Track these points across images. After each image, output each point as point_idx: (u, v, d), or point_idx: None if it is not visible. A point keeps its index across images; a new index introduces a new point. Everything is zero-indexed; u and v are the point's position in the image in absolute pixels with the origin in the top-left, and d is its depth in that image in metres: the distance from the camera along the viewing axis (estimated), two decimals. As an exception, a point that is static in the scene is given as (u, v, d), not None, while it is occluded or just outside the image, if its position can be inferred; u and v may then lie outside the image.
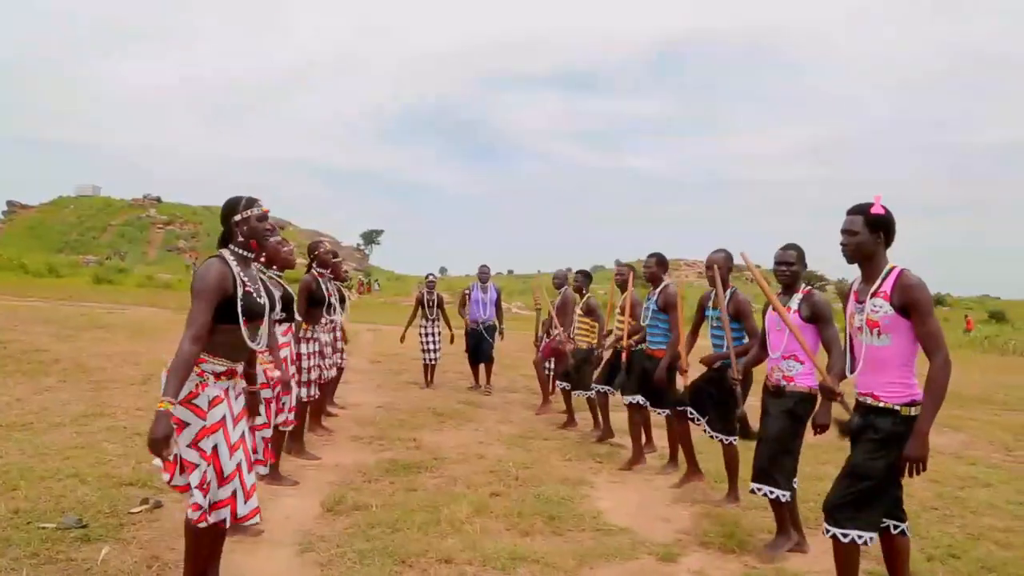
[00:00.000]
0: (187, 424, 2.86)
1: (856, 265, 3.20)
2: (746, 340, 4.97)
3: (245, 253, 3.12)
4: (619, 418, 7.55)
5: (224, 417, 2.93)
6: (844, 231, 3.13)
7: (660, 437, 6.56)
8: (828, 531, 3.15)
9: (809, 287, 4.18)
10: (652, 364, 5.80)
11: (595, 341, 7.27)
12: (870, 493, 3.07)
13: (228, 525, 2.96)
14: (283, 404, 4.69)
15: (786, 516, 4.17)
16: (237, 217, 3.11)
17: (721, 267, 4.96)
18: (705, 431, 5.12)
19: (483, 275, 9.89)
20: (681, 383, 5.38)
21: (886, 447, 3.03)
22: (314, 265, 6.17)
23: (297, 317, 5.41)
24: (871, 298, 3.07)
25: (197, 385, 2.88)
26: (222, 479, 2.90)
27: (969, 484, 6.07)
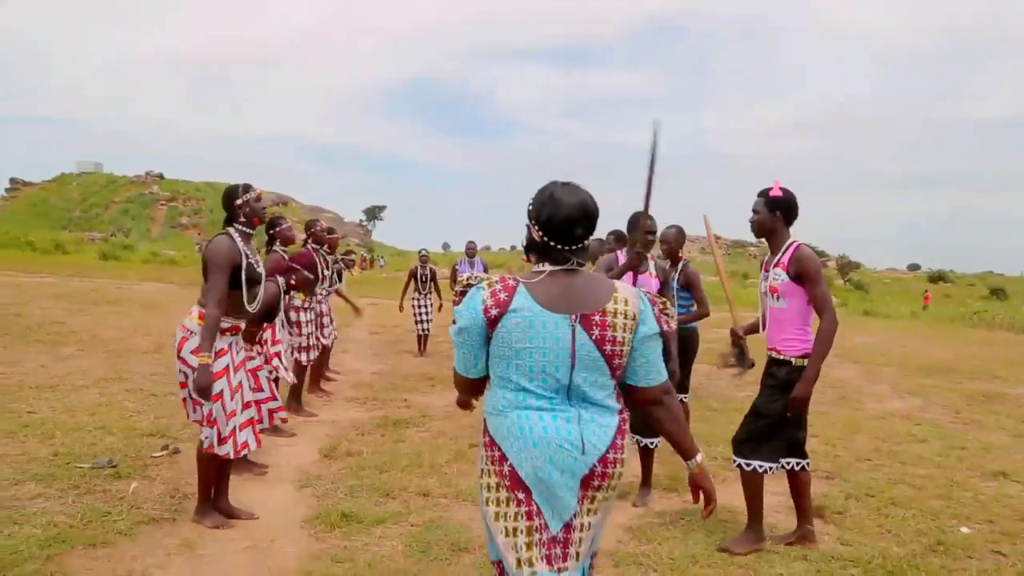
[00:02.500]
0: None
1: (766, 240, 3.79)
2: (694, 308, 5.61)
3: (247, 230, 3.78)
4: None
5: (227, 366, 3.62)
6: (752, 210, 3.72)
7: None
8: (735, 462, 3.77)
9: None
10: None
11: None
12: (768, 430, 3.69)
13: (231, 456, 3.65)
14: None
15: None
16: (239, 201, 3.75)
17: (671, 242, 5.51)
18: None
19: (470, 250, 10.53)
20: None
21: (783, 392, 3.64)
22: (310, 241, 6.75)
23: (296, 302, 6.07)
24: (773, 268, 3.67)
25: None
26: (226, 416, 3.56)
27: (906, 440, 6.69)
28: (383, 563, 3.33)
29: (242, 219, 3.75)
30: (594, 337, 2.00)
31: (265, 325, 4.52)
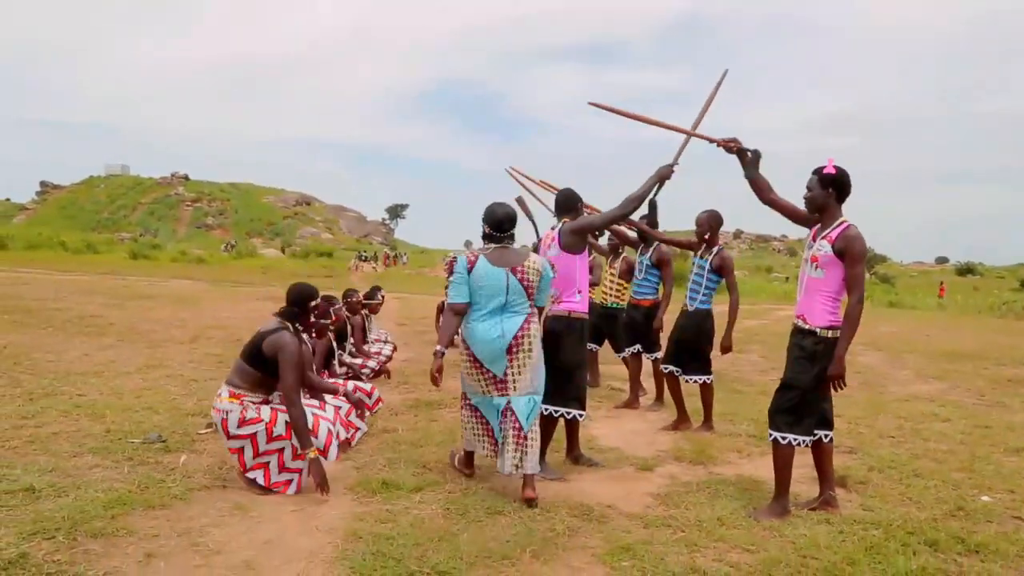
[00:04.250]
0: (256, 432, 3.90)
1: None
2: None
3: (303, 329, 4.15)
4: (610, 370, 8.36)
5: (263, 420, 3.95)
6: (806, 187, 3.87)
7: (646, 382, 7.30)
8: (771, 435, 3.90)
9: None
10: (637, 313, 6.59)
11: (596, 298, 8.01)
12: (802, 402, 3.82)
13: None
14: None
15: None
16: (314, 303, 4.19)
17: (702, 224, 5.66)
18: (686, 380, 5.84)
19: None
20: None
21: (810, 362, 3.78)
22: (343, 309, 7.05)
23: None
24: (820, 239, 3.80)
25: (241, 411, 3.89)
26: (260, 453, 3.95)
27: (929, 419, 6.78)
28: (424, 524, 3.52)
29: (310, 320, 4.20)
30: (518, 278, 4.03)
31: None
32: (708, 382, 5.81)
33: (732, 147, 3.99)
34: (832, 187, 3.81)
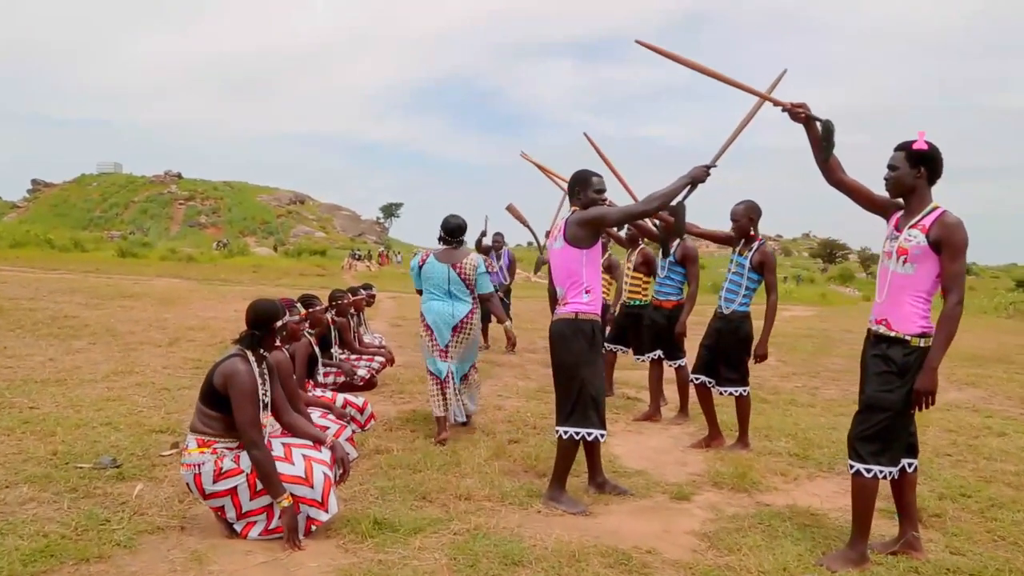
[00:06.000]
0: (237, 485, 3.19)
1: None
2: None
3: (265, 353, 3.37)
4: (623, 376, 7.68)
5: (244, 472, 3.23)
6: (888, 166, 3.19)
7: (666, 389, 6.62)
8: (852, 467, 3.21)
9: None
10: (659, 315, 5.90)
11: (611, 298, 7.33)
12: (891, 427, 3.13)
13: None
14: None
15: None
16: (279, 323, 3.38)
17: (739, 218, 4.98)
18: (721, 392, 5.15)
19: (497, 244, 10.07)
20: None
21: (900, 377, 3.10)
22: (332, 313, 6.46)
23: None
24: (909, 228, 3.12)
25: (215, 461, 3.17)
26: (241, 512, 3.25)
27: (983, 433, 6.11)
28: (426, 580, 2.83)
29: (275, 342, 3.42)
30: (457, 272, 5.05)
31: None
32: (745, 394, 5.12)
33: (800, 113, 3.29)
34: (923, 165, 3.13)
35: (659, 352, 6.04)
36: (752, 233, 4.98)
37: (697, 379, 5.16)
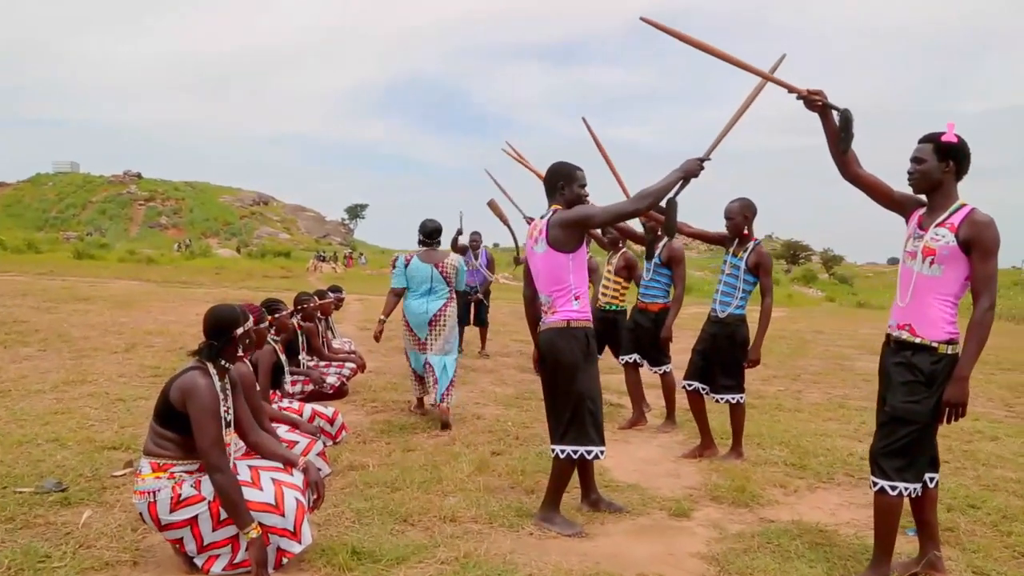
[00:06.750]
0: (198, 514, 2.83)
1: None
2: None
3: (227, 365, 3.00)
4: (603, 381, 7.42)
5: (206, 499, 2.87)
6: (912, 159, 2.95)
7: (651, 395, 6.38)
8: (876, 484, 2.96)
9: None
10: (645, 318, 5.65)
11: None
12: (918, 439, 2.90)
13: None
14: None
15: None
16: (240, 331, 2.99)
17: (734, 216, 4.74)
18: (717, 400, 4.89)
19: (475, 243, 9.71)
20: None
21: (928, 387, 2.87)
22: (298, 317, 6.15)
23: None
24: (935, 227, 2.89)
25: (172, 487, 2.82)
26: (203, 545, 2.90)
27: (975, 438, 5.96)
28: (412, 621, 2.51)
29: (238, 352, 3.03)
30: (440, 272, 5.61)
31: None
32: (741, 402, 4.88)
33: (817, 101, 3.02)
34: (952, 159, 2.90)
35: (635, 356, 5.78)
36: (747, 232, 4.74)
37: (690, 386, 4.90)
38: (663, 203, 3.51)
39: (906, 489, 2.92)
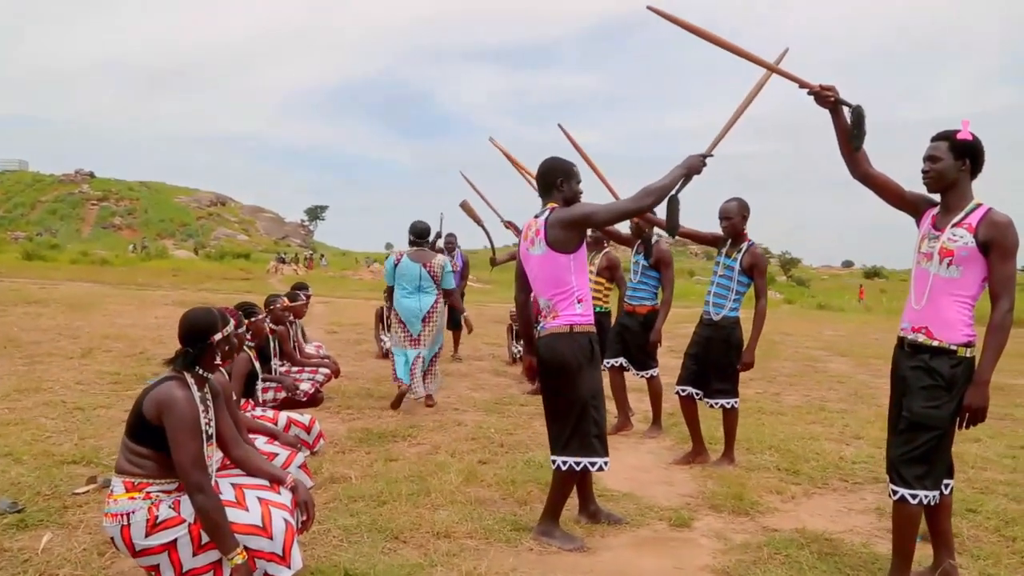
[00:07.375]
0: (177, 538, 2.57)
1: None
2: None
3: (207, 375, 2.75)
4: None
5: (186, 522, 2.61)
6: (927, 158, 2.85)
7: (634, 400, 6.25)
8: (896, 493, 2.85)
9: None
10: (633, 321, 5.51)
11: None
12: (938, 446, 2.81)
13: None
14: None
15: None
16: (218, 337, 2.73)
17: (732, 216, 4.62)
18: (711, 405, 4.77)
19: (450, 245, 9.44)
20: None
21: (948, 392, 2.77)
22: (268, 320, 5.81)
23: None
24: (952, 227, 2.79)
25: (148, 509, 2.55)
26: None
27: (958, 440, 5.81)
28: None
29: (216, 360, 2.76)
30: (428, 271, 6.07)
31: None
32: (735, 406, 4.76)
33: (829, 97, 2.90)
34: (968, 157, 2.81)
35: (621, 360, 5.64)
36: (742, 233, 4.62)
37: (684, 391, 4.77)
38: (666, 200, 3.38)
39: (926, 497, 2.81)
